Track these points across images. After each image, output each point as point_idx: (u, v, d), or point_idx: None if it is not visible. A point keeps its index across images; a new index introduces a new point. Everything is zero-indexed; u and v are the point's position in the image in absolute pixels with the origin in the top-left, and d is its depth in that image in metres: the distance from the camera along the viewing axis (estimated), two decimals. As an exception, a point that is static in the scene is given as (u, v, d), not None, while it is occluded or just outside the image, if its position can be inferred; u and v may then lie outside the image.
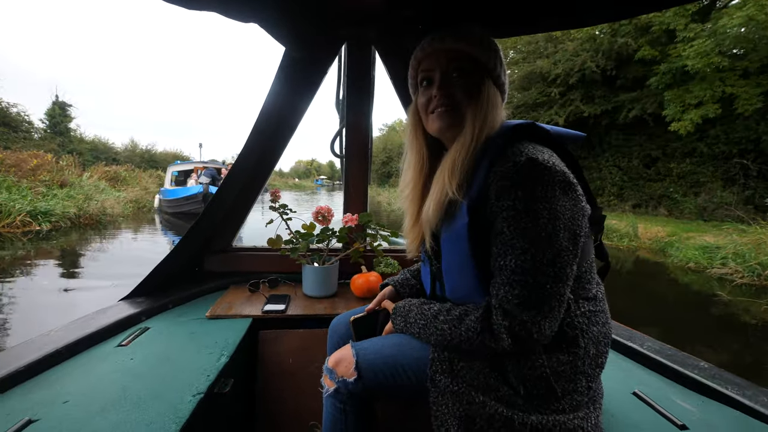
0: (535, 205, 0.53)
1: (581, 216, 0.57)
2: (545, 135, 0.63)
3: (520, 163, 0.55)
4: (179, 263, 1.28)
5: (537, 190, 0.54)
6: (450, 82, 0.66)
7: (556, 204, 0.54)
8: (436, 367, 0.63)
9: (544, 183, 0.54)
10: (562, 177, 0.55)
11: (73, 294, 3.94)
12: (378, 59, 1.32)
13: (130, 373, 0.77)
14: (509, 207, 0.55)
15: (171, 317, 1.07)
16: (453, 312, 0.63)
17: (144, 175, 14.94)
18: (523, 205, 0.54)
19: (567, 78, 12.30)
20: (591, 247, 0.66)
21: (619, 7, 0.98)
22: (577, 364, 0.59)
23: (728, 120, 9.67)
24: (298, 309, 1.13)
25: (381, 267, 1.30)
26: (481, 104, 0.64)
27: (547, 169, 0.54)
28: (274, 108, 1.25)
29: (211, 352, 0.87)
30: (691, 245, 6.75)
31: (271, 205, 1.22)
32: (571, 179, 0.57)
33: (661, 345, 1.00)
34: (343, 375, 0.68)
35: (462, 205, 0.61)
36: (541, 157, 0.55)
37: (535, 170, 0.54)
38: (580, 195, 0.58)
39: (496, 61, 0.67)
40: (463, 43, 0.65)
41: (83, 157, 15.93)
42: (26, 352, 0.78)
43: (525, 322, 0.54)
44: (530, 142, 0.60)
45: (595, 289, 0.64)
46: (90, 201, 9.08)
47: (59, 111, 17.22)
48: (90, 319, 0.96)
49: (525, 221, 0.54)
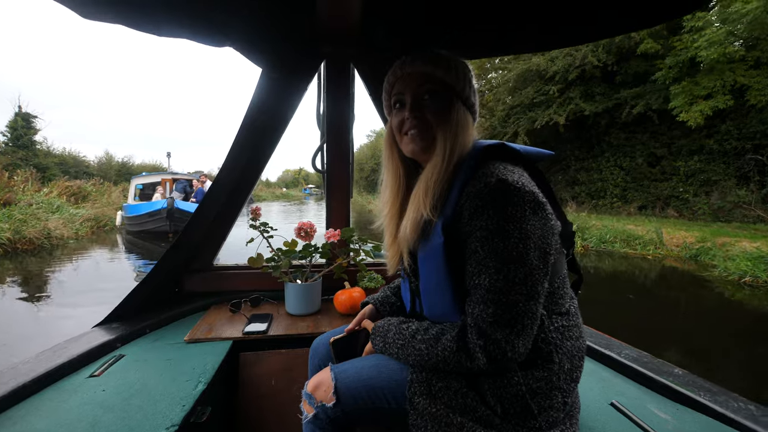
0: (506, 225, 0.59)
1: (551, 234, 0.63)
2: (515, 154, 0.70)
3: (491, 184, 0.60)
4: (158, 284, 1.33)
5: (507, 211, 0.59)
6: (421, 104, 0.73)
7: (526, 224, 0.59)
8: (415, 388, 0.67)
9: (514, 203, 0.59)
10: (532, 197, 0.61)
11: None
12: (357, 75, 1.43)
13: (102, 406, 0.79)
14: (482, 227, 0.60)
15: (147, 342, 1.11)
16: (430, 331, 0.67)
17: (115, 190, 14.71)
18: (495, 225, 0.59)
19: (566, 74, 12.64)
20: (563, 263, 0.72)
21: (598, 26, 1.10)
22: (553, 380, 0.64)
23: (740, 114, 9.87)
24: (280, 329, 1.19)
25: (365, 282, 1.38)
26: (451, 126, 0.70)
27: (517, 190, 0.60)
28: (253, 126, 1.34)
29: (188, 379, 0.90)
30: (737, 254, 6.17)
31: (251, 224, 1.30)
32: (541, 199, 0.62)
33: (639, 353, 1.08)
34: (321, 400, 0.71)
35: (437, 225, 0.67)
36: (511, 178, 0.61)
37: (506, 191, 0.60)
38: (550, 213, 0.64)
39: (465, 83, 0.74)
40: (432, 66, 0.72)
41: (50, 171, 15.79)
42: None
43: (499, 341, 0.58)
44: (501, 161, 0.66)
45: (568, 303, 0.70)
46: (27, 223, 8.32)
47: (22, 123, 17.05)
48: (61, 349, 0.98)
49: (497, 241, 0.59)
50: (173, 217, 9.15)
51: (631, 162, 12.18)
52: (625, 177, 12.25)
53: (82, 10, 0.96)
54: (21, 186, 11.00)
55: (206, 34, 1.13)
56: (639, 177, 11.97)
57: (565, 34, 1.18)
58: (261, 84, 1.31)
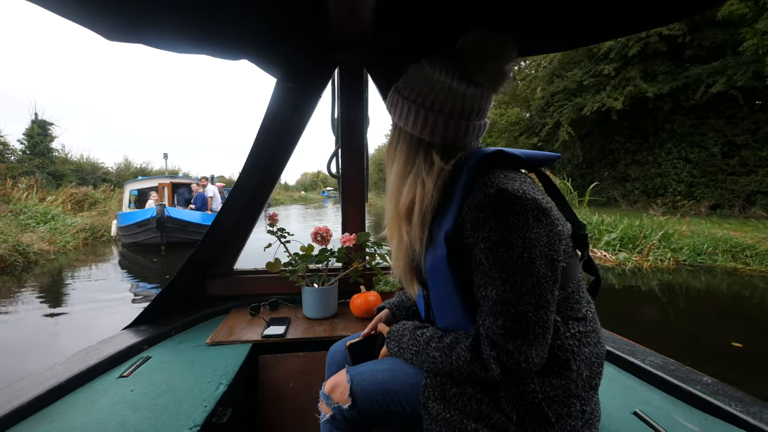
0: (509, 235, 0.62)
1: (558, 240, 0.66)
2: (516, 160, 0.74)
3: (491, 195, 0.64)
4: (181, 288, 1.52)
5: (509, 220, 0.63)
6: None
7: (530, 232, 0.63)
8: (429, 393, 0.73)
9: (516, 212, 0.63)
10: (534, 204, 0.64)
11: None
12: (371, 81, 1.57)
13: (130, 406, 0.91)
14: (485, 238, 0.64)
15: (172, 345, 1.28)
16: (444, 339, 0.72)
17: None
18: (498, 236, 0.63)
19: (624, 50, 11.94)
20: (576, 267, 0.75)
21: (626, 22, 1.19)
22: (570, 387, 0.67)
23: None
24: (297, 332, 1.34)
25: (380, 285, 1.52)
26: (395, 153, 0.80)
27: (518, 198, 0.63)
28: (269, 134, 1.51)
29: (210, 381, 1.03)
30: None
31: (269, 230, 1.47)
32: (544, 205, 0.66)
33: (664, 360, 1.11)
34: (338, 401, 0.79)
35: (440, 237, 0.71)
36: (511, 187, 0.65)
37: (506, 200, 0.63)
38: (555, 219, 0.67)
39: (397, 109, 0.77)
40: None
41: (66, 178, 16.94)
42: (30, 386, 0.93)
43: (512, 352, 0.62)
44: (501, 169, 0.70)
45: (584, 308, 0.73)
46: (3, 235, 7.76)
47: (38, 130, 18.36)
48: (93, 350, 1.14)
49: (501, 252, 0.63)
50: (164, 226, 8.49)
51: (701, 153, 11.40)
52: (692, 171, 11.52)
53: (108, 33, 1.14)
54: (23, 194, 11.14)
55: (223, 49, 1.33)
56: (711, 170, 11.20)
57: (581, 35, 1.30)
58: (276, 93, 1.49)
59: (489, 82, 0.72)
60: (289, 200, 43.78)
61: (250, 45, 1.36)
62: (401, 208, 0.78)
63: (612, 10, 1.12)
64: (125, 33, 1.16)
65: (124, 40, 1.19)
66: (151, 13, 1.11)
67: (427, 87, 0.72)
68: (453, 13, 1.16)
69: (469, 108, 0.73)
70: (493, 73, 0.72)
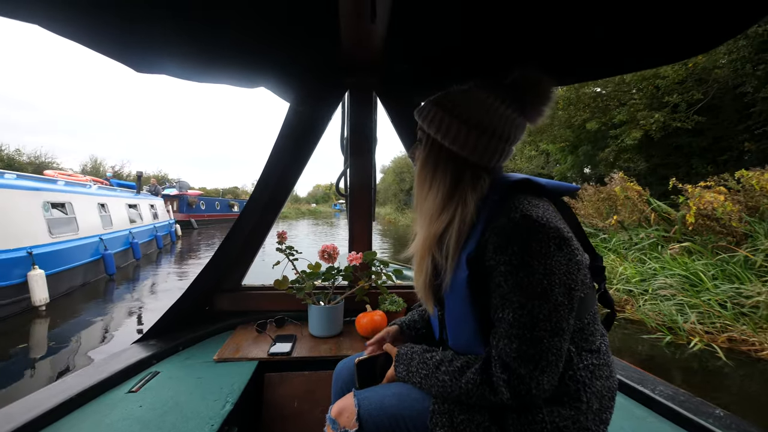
0: (530, 260, 0.63)
1: (576, 270, 0.66)
2: (540, 188, 0.75)
3: (515, 220, 0.65)
4: (190, 303, 1.52)
5: (532, 246, 0.63)
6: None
7: (551, 260, 0.63)
8: (436, 419, 0.72)
9: (539, 239, 0.63)
10: (556, 233, 0.65)
11: None
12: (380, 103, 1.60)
13: (138, 423, 0.92)
14: (506, 262, 0.64)
15: (180, 360, 1.28)
16: (455, 363, 0.72)
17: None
18: (519, 260, 0.63)
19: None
20: (592, 299, 0.74)
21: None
22: (580, 419, 0.66)
23: None
24: (303, 350, 1.32)
25: (386, 305, 1.50)
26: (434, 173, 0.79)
27: (542, 226, 0.64)
28: (281, 155, 1.54)
29: (217, 399, 1.03)
30: None
31: (277, 247, 1.48)
32: (566, 234, 0.66)
33: (675, 390, 1.08)
34: (345, 426, 0.77)
35: (462, 258, 0.72)
36: (535, 214, 0.66)
37: (530, 227, 0.64)
38: (576, 249, 0.67)
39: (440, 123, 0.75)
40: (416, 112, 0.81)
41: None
42: (44, 399, 0.95)
43: (523, 377, 0.62)
44: (526, 195, 0.71)
45: (598, 341, 0.73)
46: None
47: None
48: (104, 364, 1.15)
49: (521, 276, 0.63)
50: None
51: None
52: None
53: (137, 66, 1.22)
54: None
55: (242, 79, 1.40)
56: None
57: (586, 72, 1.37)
58: (289, 116, 1.52)
59: (533, 115, 0.77)
60: (295, 214, 40.92)
61: (266, 74, 1.41)
62: (436, 230, 0.77)
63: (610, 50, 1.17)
64: (151, 66, 1.24)
65: (150, 72, 1.27)
66: (175, 49, 1.18)
67: (482, 110, 0.73)
68: (459, 41, 1.19)
69: (514, 135, 0.76)
70: (541, 108, 0.76)
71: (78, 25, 0.99)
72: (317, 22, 1.10)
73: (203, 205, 20.78)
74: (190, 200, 19.04)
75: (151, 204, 11.94)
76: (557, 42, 1.14)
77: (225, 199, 26.10)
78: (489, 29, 1.11)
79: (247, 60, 1.31)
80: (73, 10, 0.93)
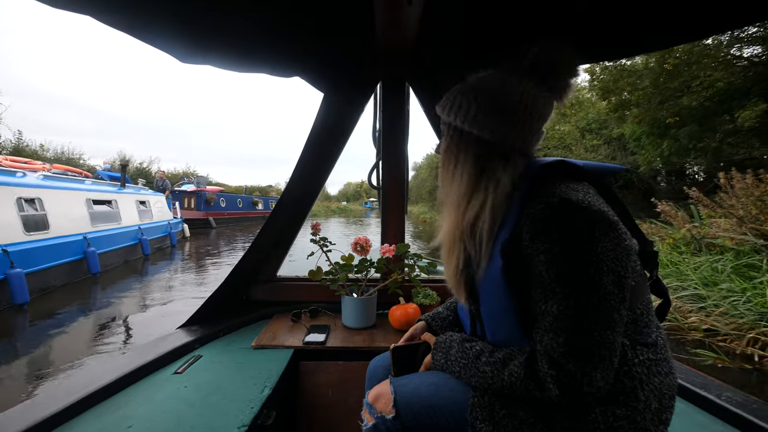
0: (573, 247, 0.58)
1: (626, 256, 0.60)
2: (578, 170, 0.69)
3: (554, 204, 0.60)
4: (229, 292, 1.57)
5: (574, 232, 0.58)
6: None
7: (596, 245, 0.58)
8: (476, 413, 0.68)
9: (581, 224, 0.58)
10: (600, 216, 0.59)
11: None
12: (413, 94, 1.57)
13: (184, 402, 0.96)
14: (546, 250, 0.59)
15: (221, 346, 1.32)
16: (496, 354, 0.68)
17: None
18: (560, 248, 0.58)
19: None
20: (645, 287, 0.68)
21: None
22: (637, 420, 0.60)
23: None
24: (337, 341, 1.32)
25: (419, 298, 1.47)
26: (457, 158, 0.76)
27: (583, 210, 0.59)
28: (315, 145, 1.54)
29: (256, 383, 1.05)
30: None
31: (311, 238, 1.49)
32: (611, 217, 0.60)
33: (745, 396, 0.97)
34: (382, 411, 0.77)
35: (495, 248, 0.68)
36: (575, 197, 0.61)
37: (570, 211, 0.59)
38: (623, 233, 0.61)
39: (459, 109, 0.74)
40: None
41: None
42: (100, 374, 1.01)
43: (573, 373, 0.57)
44: (563, 180, 0.66)
45: (654, 333, 0.67)
46: None
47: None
48: (153, 346, 1.20)
49: (563, 265, 0.58)
50: None
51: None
52: None
53: (181, 56, 1.25)
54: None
55: (280, 67, 1.41)
56: None
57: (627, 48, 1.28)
58: (323, 107, 1.52)
59: (558, 90, 0.72)
60: (325, 212, 37.50)
61: (301, 63, 1.42)
62: (467, 218, 0.73)
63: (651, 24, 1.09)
64: (196, 55, 1.27)
65: (195, 62, 1.30)
66: (218, 39, 1.20)
67: (501, 91, 0.71)
68: (493, 25, 1.14)
69: (539, 113, 0.71)
70: (564, 83, 0.72)
71: (129, 16, 1.03)
72: (352, 7, 1.09)
73: (224, 202, 18.87)
74: (208, 197, 17.31)
75: (141, 201, 9.19)
76: (592, 19, 1.07)
77: (248, 196, 23.92)
78: (522, 11, 1.07)
79: (284, 48, 1.32)
80: (125, 1, 0.96)
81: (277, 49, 1.31)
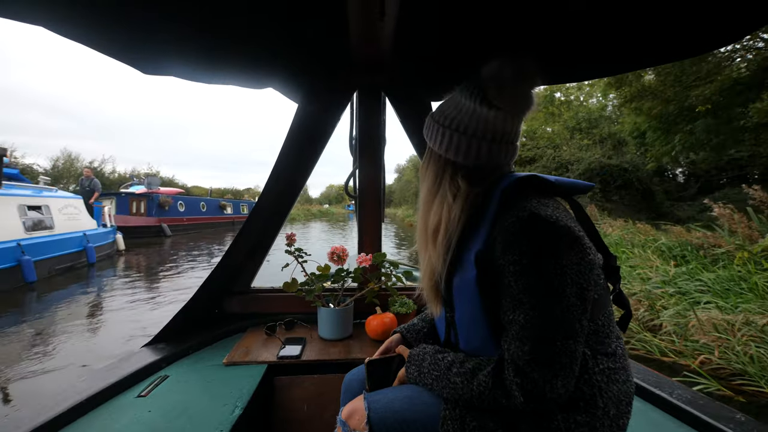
0: (540, 260, 0.60)
1: (589, 269, 0.63)
2: (549, 186, 0.72)
3: (523, 218, 0.63)
4: (200, 306, 1.49)
5: (541, 246, 0.61)
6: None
7: (561, 259, 0.60)
8: (447, 426, 0.69)
9: (548, 238, 0.61)
10: (566, 231, 0.62)
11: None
12: (389, 104, 1.56)
13: (147, 428, 0.90)
14: (515, 262, 0.62)
15: (189, 364, 1.25)
16: (466, 365, 0.69)
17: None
18: (528, 260, 0.61)
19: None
20: (607, 299, 0.71)
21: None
22: (596, 426, 0.63)
23: None
24: (313, 353, 1.29)
25: (396, 307, 1.45)
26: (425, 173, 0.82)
27: (551, 224, 0.62)
28: (290, 152, 1.50)
29: (226, 403, 1.00)
30: None
31: (286, 249, 1.45)
32: (576, 233, 0.64)
33: (694, 393, 1.02)
34: (355, 428, 0.76)
35: (469, 257, 0.70)
36: (543, 212, 0.63)
37: (539, 225, 0.62)
38: (587, 248, 0.65)
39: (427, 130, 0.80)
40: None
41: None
42: (53, 404, 0.93)
43: (537, 381, 0.59)
44: (535, 194, 0.69)
45: (614, 344, 0.69)
46: None
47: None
48: (114, 368, 1.13)
49: (531, 277, 0.61)
50: None
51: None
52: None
53: (143, 67, 1.21)
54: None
55: (249, 79, 1.37)
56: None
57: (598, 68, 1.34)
58: (297, 117, 1.49)
59: (509, 105, 0.72)
60: (305, 215, 35.86)
61: (274, 74, 1.38)
62: (429, 227, 0.78)
63: (629, 45, 1.13)
64: (157, 67, 1.23)
65: (157, 73, 1.25)
66: (181, 50, 1.16)
67: (454, 110, 0.75)
68: (468, 39, 1.15)
69: (492, 130, 0.72)
70: (512, 97, 0.72)
71: (82, 26, 0.97)
72: (325, 20, 1.07)
73: (182, 206, 16.67)
74: (161, 200, 15.13)
75: (32, 205, 6.79)
76: (565, 39, 1.10)
77: (215, 199, 21.25)
78: (496, 27, 1.08)
79: (254, 60, 1.28)
80: (77, 11, 0.91)
81: (247, 60, 1.27)
